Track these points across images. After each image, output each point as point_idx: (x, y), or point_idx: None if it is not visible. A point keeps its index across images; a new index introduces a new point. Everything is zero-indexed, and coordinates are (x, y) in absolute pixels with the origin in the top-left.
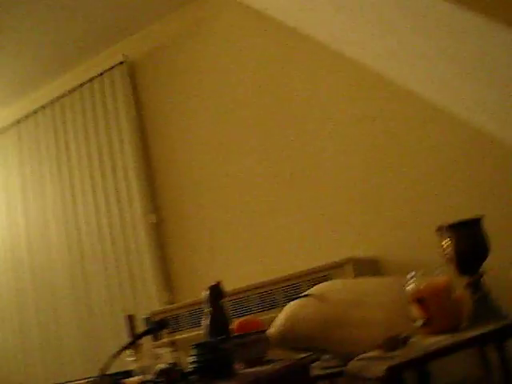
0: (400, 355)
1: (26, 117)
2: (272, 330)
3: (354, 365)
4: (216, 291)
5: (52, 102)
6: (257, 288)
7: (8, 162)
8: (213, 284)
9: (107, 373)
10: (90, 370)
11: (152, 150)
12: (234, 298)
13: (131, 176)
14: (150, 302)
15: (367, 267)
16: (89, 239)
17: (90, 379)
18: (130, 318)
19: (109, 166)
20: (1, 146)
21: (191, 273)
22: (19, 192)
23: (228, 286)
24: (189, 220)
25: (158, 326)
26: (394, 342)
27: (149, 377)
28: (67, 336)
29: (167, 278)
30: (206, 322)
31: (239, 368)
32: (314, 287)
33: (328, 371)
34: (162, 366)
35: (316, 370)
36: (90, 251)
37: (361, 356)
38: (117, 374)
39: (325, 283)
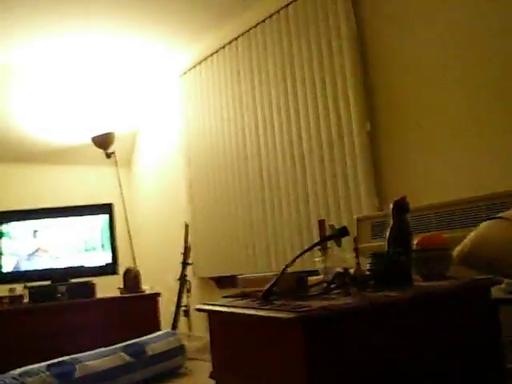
0: None
1: (255, 26)
2: (459, 248)
3: None
4: (401, 205)
5: (278, 12)
6: (459, 204)
7: (238, 68)
8: (398, 198)
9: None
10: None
11: (370, 58)
12: (436, 211)
13: (349, 84)
14: (360, 206)
15: None
16: (308, 143)
17: (276, 274)
18: (321, 223)
19: (328, 75)
20: (232, 54)
21: (401, 182)
22: (248, 96)
23: (432, 198)
24: (403, 130)
25: (339, 233)
26: None
27: (328, 277)
28: (282, 229)
29: (378, 185)
30: (387, 233)
31: (417, 281)
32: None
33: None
34: (339, 269)
35: (497, 293)
36: (308, 154)
37: None
38: (307, 271)
39: None
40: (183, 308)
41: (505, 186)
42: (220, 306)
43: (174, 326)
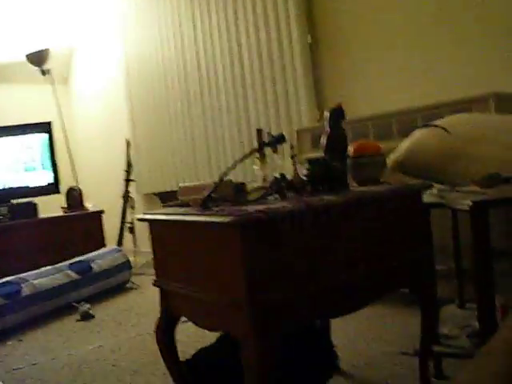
0: (491, 193)
1: None
2: (395, 155)
3: (450, 196)
4: (337, 112)
5: None
6: (396, 115)
7: None
8: (335, 105)
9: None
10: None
11: None
12: (374, 122)
13: None
14: (300, 118)
15: None
16: (249, 55)
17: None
18: (259, 132)
19: None
20: None
21: (341, 94)
22: (188, 9)
23: (371, 110)
24: (343, 43)
25: (275, 140)
26: (492, 180)
27: (266, 184)
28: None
29: (318, 97)
30: (323, 140)
31: (352, 186)
32: (444, 118)
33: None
34: (276, 175)
35: (427, 197)
36: (248, 67)
37: (458, 188)
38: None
39: (456, 115)
40: (128, 225)
41: (439, 97)
42: (160, 214)
43: (120, 243)
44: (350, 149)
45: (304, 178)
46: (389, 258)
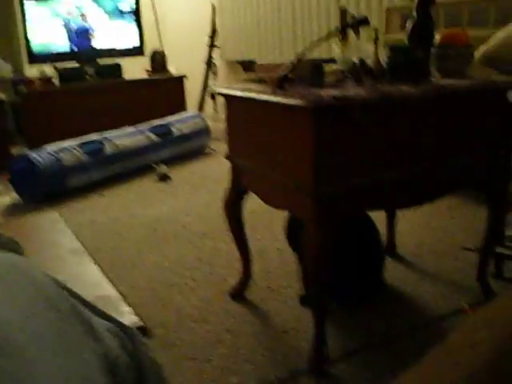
0: None
1: None
2: (484, 47)
3: None
4: None
5: None
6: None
7: None
8: None
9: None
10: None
11: None
12: (469, 5)
13: None
14: None
15: None
16: None
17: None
18: (343, 12)
19: None
20: None
21: None
22: None
23: None
24: None
25: (357, 22)
26: None
27: (345, 67)
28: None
29: None
30: (409, 26)
31: (434, 77)
32: None
33: None
34: (356, 60)
35: None
36: None
37: None
38: (323, 60)
39: None
40: (210, 90)
41: None
42: (236, 89)
43: (200, 108)
44: (437, 37)
45: (384, 65)
46: (463, 155)
